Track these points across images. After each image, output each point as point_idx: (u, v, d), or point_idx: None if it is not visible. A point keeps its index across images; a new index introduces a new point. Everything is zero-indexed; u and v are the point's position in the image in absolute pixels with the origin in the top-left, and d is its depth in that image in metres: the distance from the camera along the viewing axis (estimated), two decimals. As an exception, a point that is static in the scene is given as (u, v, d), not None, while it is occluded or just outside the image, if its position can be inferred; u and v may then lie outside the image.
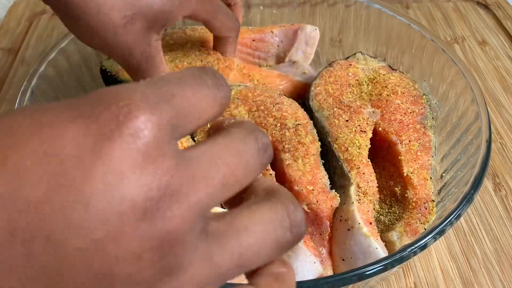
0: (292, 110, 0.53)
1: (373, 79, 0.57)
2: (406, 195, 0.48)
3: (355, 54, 0.62)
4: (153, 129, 0.17)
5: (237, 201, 0.22)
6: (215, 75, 0.21)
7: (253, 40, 0.63)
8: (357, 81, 0.57)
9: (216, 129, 0.22)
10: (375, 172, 0.50)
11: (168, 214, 0.17)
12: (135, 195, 0.16)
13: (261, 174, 0.23)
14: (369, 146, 0.50)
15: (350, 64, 0.59)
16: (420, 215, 0.46)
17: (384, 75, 0.57)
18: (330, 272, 0.45)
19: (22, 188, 0.16)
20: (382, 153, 0.52)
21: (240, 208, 0.21)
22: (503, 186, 0.59)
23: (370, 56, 0.61)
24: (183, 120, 0.19)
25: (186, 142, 0.50)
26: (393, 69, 0.59)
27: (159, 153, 0.17)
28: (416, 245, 0.38)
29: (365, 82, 0.57)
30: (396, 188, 0.49)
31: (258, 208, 0.21)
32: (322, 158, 0.50)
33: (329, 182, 0.48)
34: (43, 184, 0.16)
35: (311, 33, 0.63)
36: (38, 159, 0.16)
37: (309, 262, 0.42)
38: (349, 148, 0.49)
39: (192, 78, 0.20)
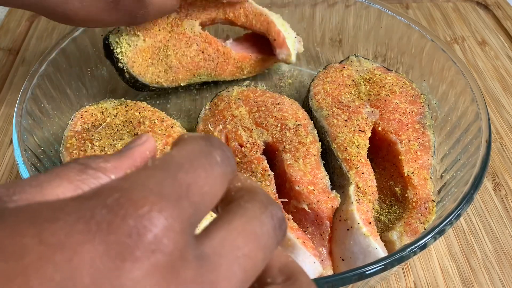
0: (293, 111, 0.53)
1: (369, 80, 0.57)
2: (406, 195, 0.48)
3: (348, 57, 0.62)
4: (175, 237, 0.16)
5: None
6: (222, 147, 0.20)
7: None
8: (353, 82, 0.57)
9: (226, 201, 0.21)
10: (375, 172, 0.50)
11: None
12: None
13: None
14: (368, 145, 0.51)
15: (344, 67, 0.59)
16: (420, 215, 0.46)
17: (379, 75, 0.57)
18: (330, 272, 0.45)
19: None
20: (382, 153, 0.52)
21: None
22: (502, 186, 0.59)
23: (365, 58, 0.61)
24: (200, 212, 0.18)
25: None
26: (388, 70, 0.59)
27: (181, 264, 0.16)
28: (416, 245, 0.38)
29: (361, 82, 0.57)
30: (396, 188, 0.49)
31: None
32: (322, 158, 0.50)
33: (329, 183, 0.48)
34: None
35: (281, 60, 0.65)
36: None
37: (308, 262, 0.42)
38: (348, 148, 0.49)
39: (203, 156, 0.19)
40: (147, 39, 0.58)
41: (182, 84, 0.61)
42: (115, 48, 0.57)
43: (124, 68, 0.57)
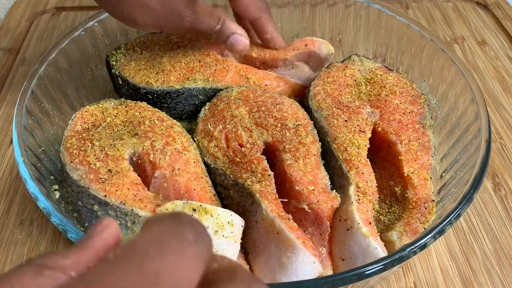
0: (293, 111, 0.53)
1: (370, 80, 0.57)
2: (406, 195, 0.48)
3: (350, 56, 0.62)
4: None
5: None
6: (193, 223, 0.18)
7: (263, 63, 0.64)
8: (354, 82, 0.57)
9: (206, 285, 0.19)
10: (375, 172, 0.50)
11: None
12: None
13: None
14: (368, 146, 0.51)
15: (346, 66, 0.59)
16: (420, 215, 0.46)
17: (381, 75, 0.57)
18: (330, 272, 0.45)
19: None
20: (382, 153, 0.52)
21: None
22: (502, 186, 0.59)
23: (366, 58, 0.61)
24: None
25: (186, 142, 0.50)
26: (389, 70, 0.59)
27: None
28: (415, 245, 0.38)
29: (363, 82, 0.57)
30: (396, 188, 0.49)
31: None
32: (322, 159, 0.50)
33: (329, 183, 0.48)
34: None
35: (327, 56, 0.64)
36: None
37: (308, 262, 0.42)
38: (348, 148, 0.49)
39: (172, 237, 0.17)
40: (144, 52, 0.60)
41: (176, 87, 0.56)
42: (110, 57, 0.60)
43: (117, 72, 0.58)
